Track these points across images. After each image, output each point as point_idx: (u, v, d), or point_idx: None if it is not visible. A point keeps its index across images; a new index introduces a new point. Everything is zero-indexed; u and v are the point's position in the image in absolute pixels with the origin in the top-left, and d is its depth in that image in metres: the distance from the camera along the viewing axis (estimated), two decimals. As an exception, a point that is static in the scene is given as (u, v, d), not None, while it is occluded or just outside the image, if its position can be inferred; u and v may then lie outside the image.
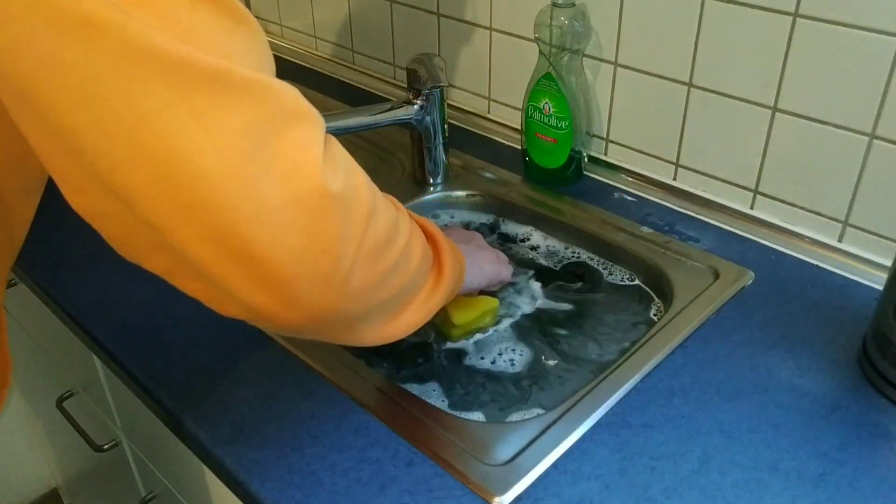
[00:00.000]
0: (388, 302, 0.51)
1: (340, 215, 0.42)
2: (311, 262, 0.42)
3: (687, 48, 0.85)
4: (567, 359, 0.74)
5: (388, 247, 0.48)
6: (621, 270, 0.85)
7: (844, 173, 0.78)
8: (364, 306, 0.48)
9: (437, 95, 0.91)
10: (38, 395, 1.32)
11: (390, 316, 0.53)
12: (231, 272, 0.41)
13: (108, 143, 0.37)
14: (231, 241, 0.40)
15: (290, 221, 0.40)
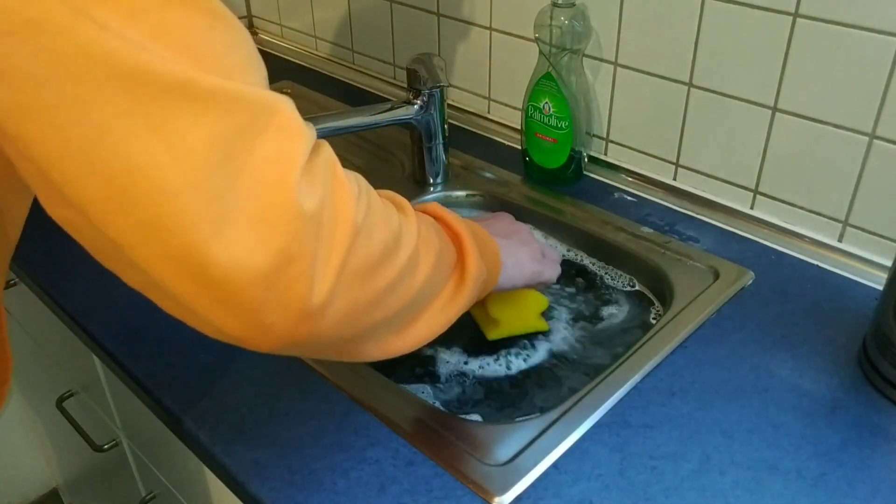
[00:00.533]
0: (390, 320, 0.47)
1: (314, 235, 0.39)
2: (281, 287, 0.38)
3: (687, 48, 0.85)
4: (567, 358, 0.74)
5: (384, 264, 0.45)
6: (621, 271, 0.85)
7: (844, 173, 0.78)
8: (355, 328, 0.44)
9: (437, 95, 0.91)
10: (38, 395, 1.32)
11: (396, 330, 0.49)
12: (196, 294, 0.38)
13: (59, 155, 0.35)
14: (191, 261, 0.37)
15: (256, 243, 0.37)
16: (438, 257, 0.51)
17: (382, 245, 0.44)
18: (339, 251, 0.41)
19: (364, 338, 0.47)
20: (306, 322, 0.40)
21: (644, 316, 0.79)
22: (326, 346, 0.44)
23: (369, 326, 0.46)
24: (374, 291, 0.44)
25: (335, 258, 0.40)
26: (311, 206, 0.38)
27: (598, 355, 0.75)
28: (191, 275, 0.37)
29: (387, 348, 0.50)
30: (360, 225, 0.42)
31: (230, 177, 0.36)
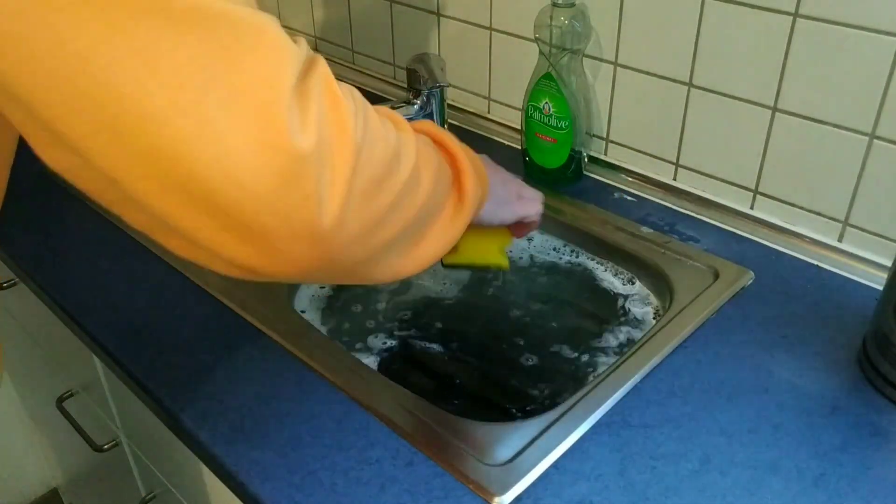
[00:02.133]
0: (397, 239, 0.46)
1: (315, 156, 0.37)
2: (289, 211, 0.37)
3: (687, 48, 0.84)
4: (566, 359, 0.74)
5: (388, 181, 0.43)
6: (621, 271, 0.85)
7: (844, 173, 0.78)
8: (366, 250, 0.43)
9: (437, 95, 0.91)
10: (38, 395, 1.32)
11: (404, 251, 0.48)
12: (202, 224, 0.37)
13: (45, 90, 0.34)
14: (194, 189, 0.36)
15: (256, 166, 0.36)
16: (437, 174, 0.50)
17: (384, 161, 0.43)
18: (343, 171, 0.39)
19: (374, 260, 0.45)
20: (318, 245, 0.39)
21: (645, 314, 0.79)
22: (338, 270, 0.43)
23: (378, 247, 0.44)
24: (381, 209, 0.43)
25: (340, 178, 0.39)
26: (308, 126, 0.37)
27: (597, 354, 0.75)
28: (195, 204, 0.36)
29: (396, 270, 0.48)
30: (361, 143, 0.40)
31: (221, 99, 0.35)
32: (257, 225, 0.37)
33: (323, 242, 0.39)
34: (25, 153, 0.45)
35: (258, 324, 0.74)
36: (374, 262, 0.45)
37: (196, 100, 0.34)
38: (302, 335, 0.73)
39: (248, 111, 0.35)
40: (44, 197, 0.96)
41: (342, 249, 0.41)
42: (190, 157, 0.35)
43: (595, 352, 0.75)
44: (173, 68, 0.34)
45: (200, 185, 0.36)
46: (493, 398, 0.70)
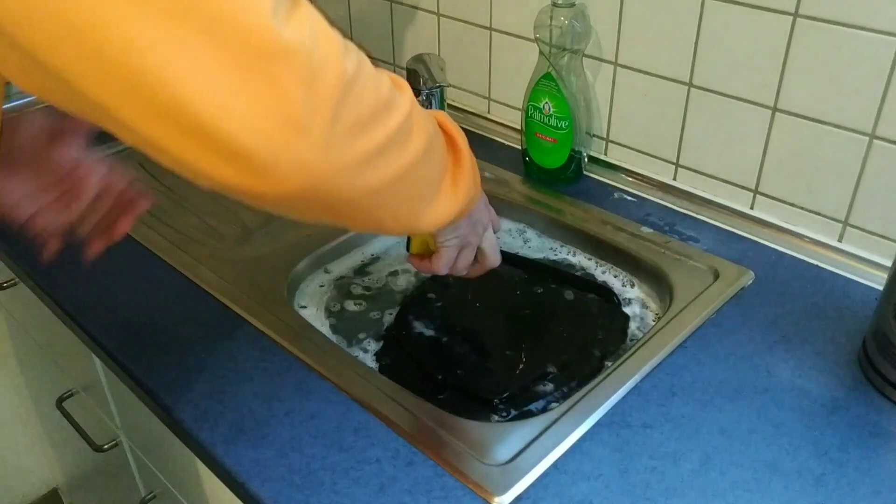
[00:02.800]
0: (387, 190, 0.47)
1: (299, 81, 0.38)
2: (270, 132, 0.38)
3: (687, 48, 0.84)
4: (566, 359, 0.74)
5: (375, 125, 0.44)
6: (621, 271, 0.85)
7: (844, 173, 0.78)
8: (349, 189, 0.44)
9: (437, 95, 0.91)
10: (38, 395, 1.32)
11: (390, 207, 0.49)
12: (188, 147, 0.38)
13: (23, 18, 0.35)
14: (175, 112, 0.36)
15: (236, 86, 0.37)
16: (430, 143, 0.50)
17: (372, 105, 0.43)
18: (328, 101, 0.40)
19: (358, 204, 0.46)
20: (301, 169, 0.40)
21: (645, 314, 0.79)
22: (323, 203, 0.44)
23: (362, 191, 0.45)
24: (365, 151, 0.43)
25: (324, 107, 0.40)
26: (292, 36, 0.38)
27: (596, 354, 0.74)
28: (180, 128, 0.37)
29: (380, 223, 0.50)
30: (350, 78, 0.41)
31: (198, 19, 0.36)
32: (239, 146, 0.38)
33: (305, 166, 0.40)
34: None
35: (258, 324, 0.74)
36: (357, 206, 0.46)
37: (177, 26, 0.35)
38: (302, 335, 0.73)
39: (226, 34, 0.36)
40: (44, 197, 0.96)
41: (325, 180, 0.42)
42: (173, 83, 0.36)
43: (595, 352, 0.75)
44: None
45: (180, 108, 0.36)
46: (493, 398, 0.70)
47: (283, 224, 0.91)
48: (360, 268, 0.88)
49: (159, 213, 0.93)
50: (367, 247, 0.90)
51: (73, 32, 0.35)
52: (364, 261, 0.89)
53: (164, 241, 0.87)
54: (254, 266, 0.83)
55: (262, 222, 0.92)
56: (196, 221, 0.92)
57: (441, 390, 0.71)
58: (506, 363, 0.74)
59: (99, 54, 0.35)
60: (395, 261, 0.88)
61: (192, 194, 0.98)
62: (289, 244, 0.87)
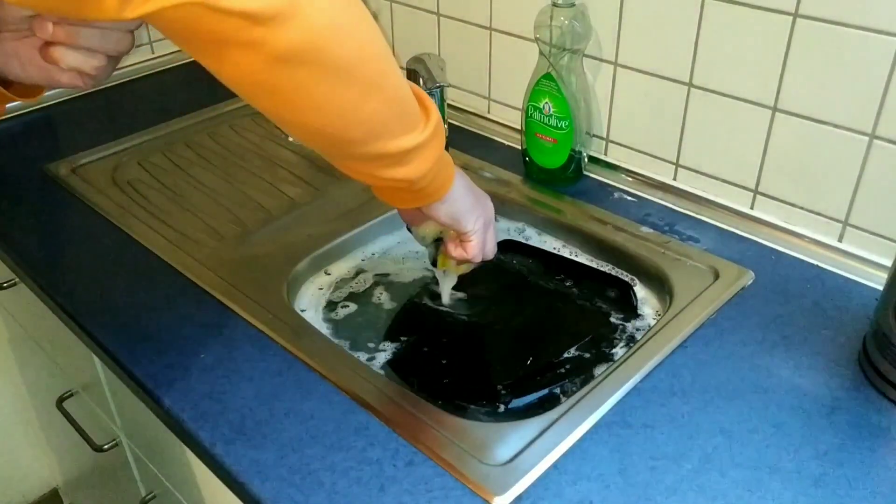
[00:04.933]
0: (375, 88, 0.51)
1: None
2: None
3: (687, 48, 0.85)
4: (565, 359, 0.74)
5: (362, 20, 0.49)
6: (621, 271, 0.85)
7: (844, 173, 0.78)
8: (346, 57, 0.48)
9: (437, 95, 0.91)
10: (38, 395, 1.32)
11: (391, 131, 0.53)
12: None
13: None
14: None
15: None
16: (402, 84, 0.54)
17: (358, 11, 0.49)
18: None
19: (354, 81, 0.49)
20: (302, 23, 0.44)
21: (645, 313, 0.79)
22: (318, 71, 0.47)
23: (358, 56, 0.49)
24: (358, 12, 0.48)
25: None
26: None
27: (596, 355, 0.75)
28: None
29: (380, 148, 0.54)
30: None
31: None
32: None
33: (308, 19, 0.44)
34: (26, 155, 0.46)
35: (258, 324, 0.74)
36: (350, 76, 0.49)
37: None
38: (302, 335, 0.73)
39: None
40: (44, 197, 0.96)
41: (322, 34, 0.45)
42: None
43: (594, 352, 0.75)
44: None
45: None
46: (493, 398, 0.70)
47: (283, 224, 0.91)
48: (360, 268, 0.87)
49: (159, 213, 0.93)
50: (368, 247, 0.90)
51: None
52: (364, 261, 0.89)
53: (164, 241, 0.87)
54: (254, 266, 0.83)
55: (262, 222, 0.92)
56: (196, 221, 0.92)
57: (446, 375, 0.71)
58: (511, 352, 0.74)
59: None
60: (395, 261, 0.89)
61: (192, 194, 0.98)
62: (289, 244, 0.87)
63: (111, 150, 1.07)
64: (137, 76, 1.28)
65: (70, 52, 0.52)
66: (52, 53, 0.52)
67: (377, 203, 0.91)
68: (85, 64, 0.53)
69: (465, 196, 0.67)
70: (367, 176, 0.59)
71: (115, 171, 1.02)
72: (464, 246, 0.71)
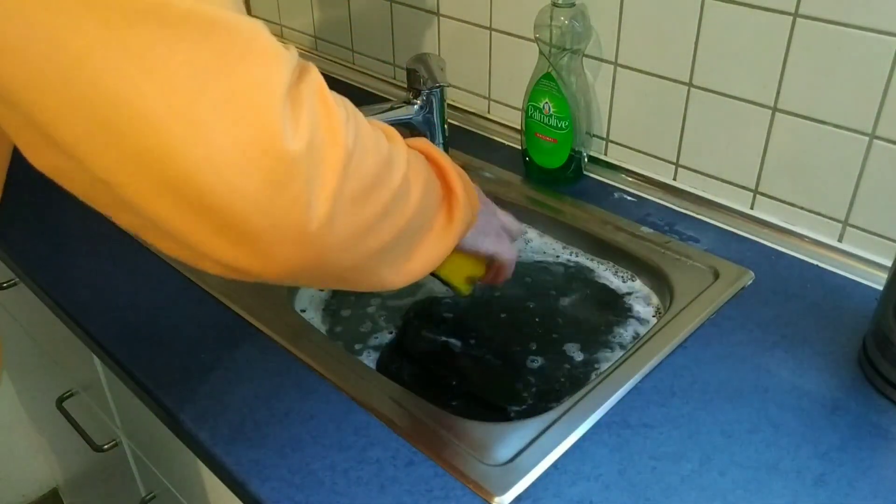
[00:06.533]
0: (386, 249, 0.47)
1: (305, 159, 0.38)
2: (278, 213, 0.38)
3: (687, 48, 0.84)
4: (565, 359, 0.74)
5: (378, 188, 0.44)
6: (621, 271, 0.85)
7: (844, 173, 0.78)
8: (354, 257, 0.44)
9: (437, 95, 0.91)
10: (38, 395, 1.32)
11: (393, 262, 0.49)
12: (194, 227, 0.38)
13: (40, 93, 0.35)
14: (186, 191, 0.37)
15: (248, 167, 0.37)
16: (426, 187, 0.51)
17: (375, 169, 0.44)
18: (332, 175, 0.40)
19: (362, 268, 0.46)
20: (306, 248, 0.40)
21: (645, 313, 0.79)
22: (327, 274, 0.44)
23: (366, 255, 0.45)
24: (370, 217, 0.44)
25: (330, 182, 0.40)
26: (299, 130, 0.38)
27: (596, 354, 0.75)
28: (186, 206, 0.37)
29: (384, 280, 0.50)
30: (352, 149, 0.42)
31: (214, 102, 0.36)
32: (247, 227, 0.38)
33: (311, 246, 0.40)
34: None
35: (258, 324, 0.74)
36: (361, 269, 0.46)
37: (189, 102, 0.35)
38: (302, 335, 0.73)
39: (240, 114, 0.36)
40: (44, 197, 0.96)
41: (330, 254, 0.42)
42: (182, 158, 0.36)
43: (595, 352, 0.75)
44: (168, 72, 0.35)
45: (192, 186, 0.36)
46: (492, 398, 0.70)
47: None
48: (360, 268, 0.87)
49: (159, 213, 0.93)
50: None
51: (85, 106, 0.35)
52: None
53: (164, 241, 0.86)
54: (254, 266, 0.83)
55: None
56: (196, 221, 0.92)
57: (454, 398, 0.71)
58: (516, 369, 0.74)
59: (109, 128, 0.35)
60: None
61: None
62: (289, 244, 0.86)
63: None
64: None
65: None
66: None
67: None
68: None
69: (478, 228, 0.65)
70: None
71: (115, 171, 1.02)
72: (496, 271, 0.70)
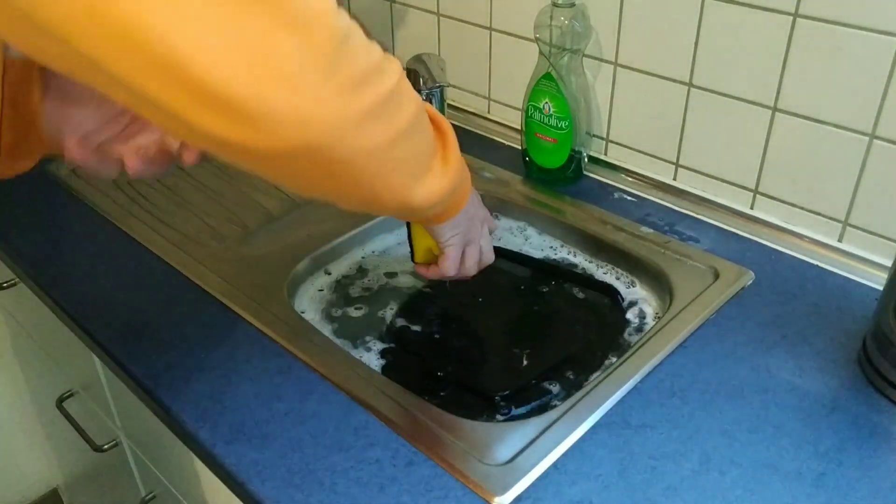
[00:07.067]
0: (381, 154, 0.47)
1: (290, 31, 0.39)
2: (262, 81, 0.39)
3: (687, 48, 0.85)
4: (565, 359, 0.74)
5: (368, 84, 0.44)
6: (621, 271, 0.85)
7: (844, 173, 0.78)
8: (344, 149, 0.45)
9: (437, 95, 0.91)
10: (38, 395, 1.32)
11: (392, 176, 0.50)
12: (183, 100, 0.39)
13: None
14: (171, 64, 0.37)
15: (233, 39, 0.38)
16: (419, 114, 0.51)
17: (365, 66, 0.44)
18: (319, 53, 0.41)
19: (352, 166, 0.46)
20: (296, 123, 0.41)
21: (645, 314, 0.79)
22: (317, 163, 0.45)
23: (356, 151, 0.46)
24: (360, 109, 0.44)
25: (317, 59, 0.41)
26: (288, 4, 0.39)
27: (596, 355, 0.75)
28: (174, 79, 0.38)
29: (374, 191, 0.50)
30: (343, 35, 0.42)
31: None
32: (233, 95, 0.39)
33: (300, 118, 0.41)
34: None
35: (258, 324, 0.74)
36: (353, 168, 0.47)
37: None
38: (302, 335, 0.73)
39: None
40: (44, 197, 0.96)
41: (320, 135, 0.42)
42: (167, 31, 0.37)
43: (594, 352, 0.75)
44: None
45: (178, 61, 0.37)
46: (493, 399, 0.70)
47: (283, 224, 0.91)
48: (360, 268, 0.88)
49: (159, 213, 0.93)
50: (367, 246, 0.90)
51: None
52: (364, 261, 0.89)
53: (164, 241, 0.87)
54: (254, 266, 0.83)
55: (262, 222, 0.92)
56: (196, 221, 0.92)
57: (443, 387, 0.71)
58: (508, 361, 0.74)
59: (92, 8, 0.36)
60: (395, 261, 0.89)
61: (192, 194, 0.98)
62: (289, 244, 0.87)
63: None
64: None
65: None
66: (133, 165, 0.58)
67: (377, 203, 0.91)
68: None
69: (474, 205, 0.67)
70: None
71: (115, 171, 1.02)
72: (437, 259, 0.70)
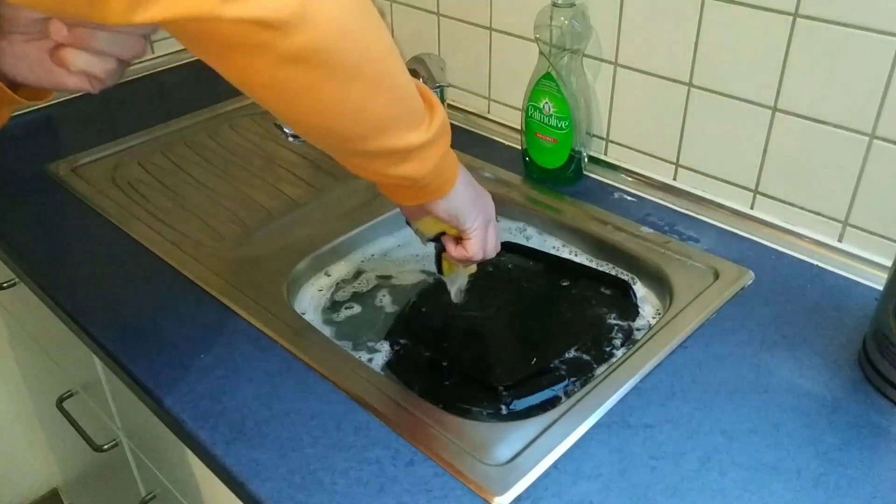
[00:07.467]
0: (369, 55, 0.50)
1: None
2: None
3: (687, 48, 0.85)
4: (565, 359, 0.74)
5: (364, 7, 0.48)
6: (621, 271, 0.85)
7: (844, 173, 0.78)
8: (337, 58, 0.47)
9: (437, 95, 0.91)
10: (38, 395, 1.32)
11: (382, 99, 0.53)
12: None
13: None
14: None
15: None
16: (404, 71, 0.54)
17: None
18: None
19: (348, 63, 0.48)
20: None
21: (645, 314, 0.79)
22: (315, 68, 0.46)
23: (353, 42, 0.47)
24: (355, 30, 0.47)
25: None
26: None
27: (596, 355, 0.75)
28: None
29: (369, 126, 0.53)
30: None
31: None
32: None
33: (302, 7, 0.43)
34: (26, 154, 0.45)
35: (258, 324, 0.74)
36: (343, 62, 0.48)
37: None
38: (302, 335, 0.73)
39: None
40: (44, 197, 0.96)
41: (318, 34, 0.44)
42: None
43: (595, 352, 0.75)
44: None
45: None
46: (494, 400, 0.70)
47: (283, 224, 0.91)
48: (360, 269, 0.88)
49: (159, 213, 0.93)
50: (368, 247, 0.90)
51: None
52: (364, 262, 0.89)
53: (164, 241, 0.87)
54: (254, 266, 0.83)
55: (262, 222, 0.92)
56: (196, 221, 0.92)
57: (447, 377, 0.71)
58: (512, 354, 0.74)
59: None
60: (395, 262, 0.89)
61: (192, 194, 0.98)
62: (289, 245, 0.87)
63: (111, 150, 1.07)
64: (137, 76, 1.28)
65: (81, 55, 0.51)
66: (63, 56, 0.51)
67: (377, 203, 0.91)
68: (95, 67, 0.52)
69: (465, 193, 0.67)
70: (372, 173, 0.59)
71: (115, 171, 1.02)
72: (463, 244, 0.71)
